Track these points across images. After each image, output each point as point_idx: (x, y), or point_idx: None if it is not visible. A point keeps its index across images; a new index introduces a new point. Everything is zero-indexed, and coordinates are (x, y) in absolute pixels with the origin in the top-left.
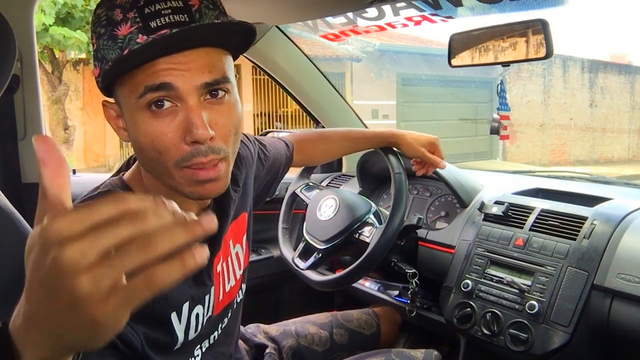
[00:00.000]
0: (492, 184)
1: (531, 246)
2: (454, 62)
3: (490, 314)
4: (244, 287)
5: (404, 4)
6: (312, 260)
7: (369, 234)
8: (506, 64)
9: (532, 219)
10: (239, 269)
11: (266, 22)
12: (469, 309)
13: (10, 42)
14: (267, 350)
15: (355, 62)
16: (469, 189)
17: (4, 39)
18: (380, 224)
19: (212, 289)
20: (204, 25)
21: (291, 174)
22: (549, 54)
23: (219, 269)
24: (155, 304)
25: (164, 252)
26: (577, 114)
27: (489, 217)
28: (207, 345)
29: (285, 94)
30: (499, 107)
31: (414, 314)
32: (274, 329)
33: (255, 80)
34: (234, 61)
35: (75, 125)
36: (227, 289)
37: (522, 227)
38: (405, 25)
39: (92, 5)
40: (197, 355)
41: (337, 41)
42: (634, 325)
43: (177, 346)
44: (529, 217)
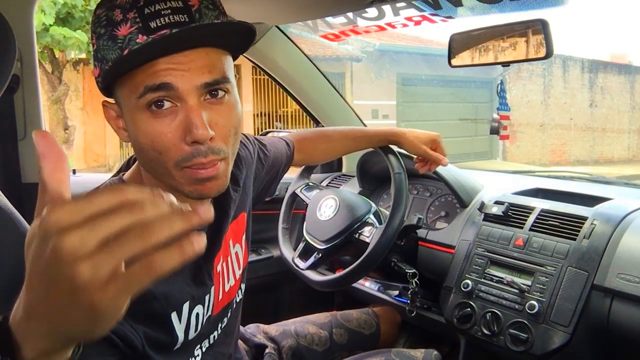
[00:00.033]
0: (492, 184)
1: (531, 246)
2: (454, 62)
3: (490, 314)
4: (243, 287)
5: (404, 4)
6: (312, 260)
7: (369, 234)
8: (506, 64)
9: (532, 219)
10: (239, 269)
11: (266, 22)
12: (469, 309)
13: (10, 42)
14: (267, 350)
15: (355, 62)
16: (469, 189)
17: (4, 39)
18: (380, 224)
19: (212, 289)
20: (203, 25)
21: (291, 174)
22: (549, 54)
23: (219, 268)
24: (155, 304)
25: (162, 241)
26: (577, 114)
27: (489, 217)
28: (207, 345)
29: (285, 94)
30: (499, 107)
31: (414, 314)
32: (274, 329)
33: (255, 80)
34: (234, 61)
35: (75, 125)
36: (226, 288)
37: (522, 227)
38: (405, 25)
39: (92, 5)
40: (197, 355)
41: (337, 41)
42: (634, 325)
43: (177, 346)
44: (529, 217)
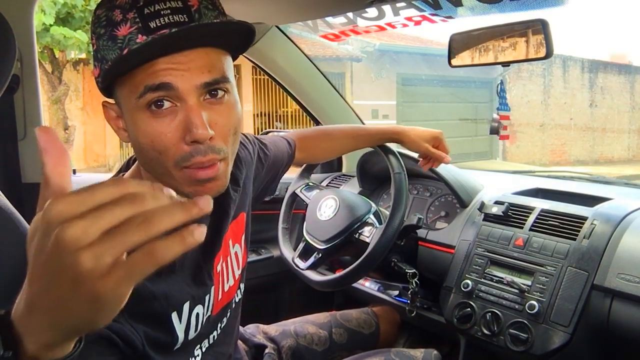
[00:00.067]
0: (492, 184)
1: (531, 246)
2: (454, 62)
3: (490, 314)
4: (242, 287)
5: (404, 4)
6: (312, 260)
7: (369, 234)
8: (506, 64)
9: (532, 219)
10: (238, 269)
11: (266, 22)
12: (469, 309)
13: (10, 42)
14: (267, 350)
15: (355, 62)
16: (469, 189)
17: (4, 39)
18: (380, 224)
19: (212, 289)
20: (203, 24)
21: (291, 174)
22: (549, 54)
23: (219, 268)
24: (155, 303)
25: (163, 231)
26: (577, 114)
27: (489, 217)
28: (207, 345)
29: (285, 94)
30: (499, 107)
31: (414, 314)
32: (273, 329)
33: (255, 80)
34: (234, 61)
35: (75, 125)
36: (225, 288)
37: (522, 227)
38: (405, 25)
39: (92, 5)
40: (197, 355)
41: (337, 41)
42: (634, 325)
43: (177, 346)
44: (529, 217)
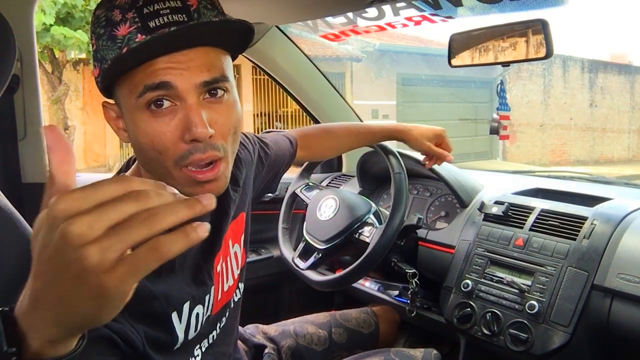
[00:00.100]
0: (492, 184)
1: (531, 246)
2: (454, 62)
3: (490, 314)
4: (241, 286)
5: (404, 4)
6: (312, 260)
7: (369, 234)
8: (506, 64)
9: (532, 219)
10: (237, 269)
11: (266, 22)
12: (469, 309)
13: (10, 42)
14: (266, 350)
15: (355, 62)
16: (469, 189)
17: (4, 39)
18: (380, 224)
19: (212, 289)
20: (202, 23)
21: (291, 174)
22: (549, 54)
23: (218, 269)
24: (156, 303)
25: (167, 227)
26: (577, 114)
27: (489, 217)
28: (207, 345)
29: (285, 94)
30: (499, 107)
31: (414, 314)
32: (273, 329)
33: (255, 80)
34: (233, 61)
35: (75, 125)
36: (225, 288)
37: (522, 227)
38: (405, 25)
39: (92, 5)
40: (197, 355)
41: (337, 41)
42: (634, 325)
43: (177, 346)
44: (529, 217)
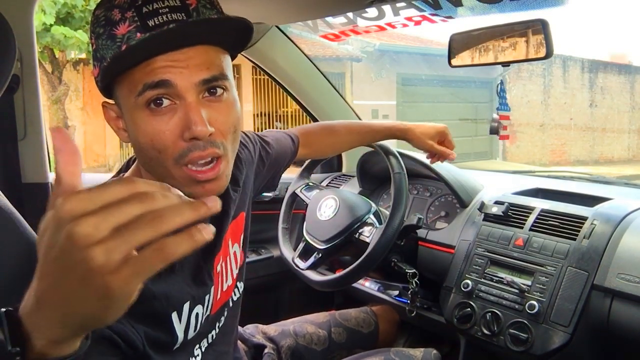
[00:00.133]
0: (492, 184)
1: (531, 246)
2: (454, 62)
3: (490, 314)
4: (240, 285)
5: (404, 4)
6: (312, 260)
7: (369, 234)
8: (506, 64)
9: (532, 219)
10: (236, 268)
11: (266, 22)
12: (469, 309)
13: (10, 42)
14: (266, 350)
15: (355, 62)
16: (469, 189)
17: (4, 39)
18: (380, 224)
19: (212, 289)
20: (201, 20)
21: (291, 174)
22: (549, 54)
23: (218, 269)
24: (156, 303)
25: (172, 229)
26: (577, 114)
27: (489, 217)
28: (206, 344)
29: (285, 94)
30: (499, 107)
31: (414, 314)
32: (273, 329)
33: (255, 80)
34: (232, 60)
35: (75, 125)
36: (224, 288)
37: (522, 227)
38: (405, 25)
39: (92, 5)
40: (197, 355)
41: (337, 41)
42: (634, 325)
43: (177, 345)
44: (529, 217)
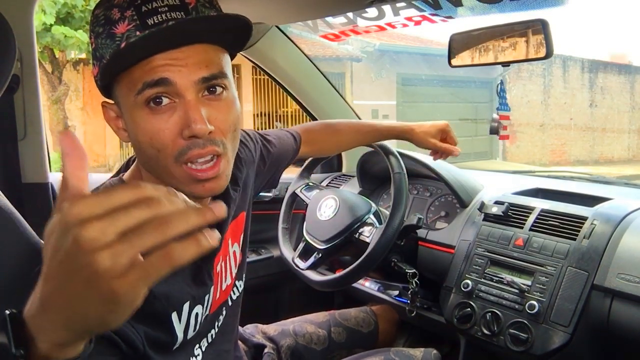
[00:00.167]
0: (492, 184)
1: (531, 246)
2: (454, 62)
3: (490, 314)
4: (239, 284)
5: (404, 4)
6: (312, 260)
7: (369, 234)
8: (506, 64)
9: (532, 219)
10: (235, 268)
11: (266, 22)
12: (469, 309)
13: (10, 42)
14: (266, 350)
15: (355, 62)
16: (469, 189)
17: (4, 39)
18: (380, 224)
19: (212, 289)
20: (200, 17)
21: (291, 174)
22: (549, 54)
23: (218, 268)
24: (156, 303)
25: (179, 234)
26: (577, 114)
27: (489, 217)
28: (206, 344)
29: (285, 94)
30: (499, 107)
31: (414, 314)
32: (272, 328)
33: (255, 80)
34: (232, 60)
35: (75, 125)
36: (223, 287)
37: (522, 227)
38: (405, 25)
39: (92, 5)
40: (198, 354)
41: (337, 41)
42: (634, 325)
43: (176, 345)
44: (529, 217)
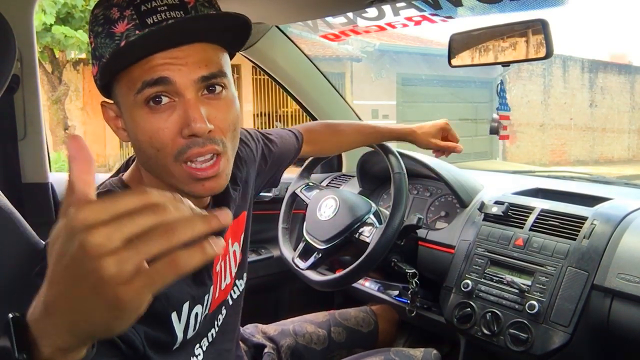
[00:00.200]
0: (492, 184)
1: (531, 246)
2: (454, 62)
3: (490, 314)
4: (239, 284)
5: (404, 4)
6: (312, 260)
7: (369, 234)
8: (506, 64)
9: (532, 219)
10: (234, 267)
11: (266, 22)
12: (469, 309)
13: (10, 42)
14: (266, 350)
15: (355, 62)
16: (469, 189)
17: (4, 39)
18: (380, 224)
19: (211, 289)
20: (199, 16)
21: (291, 174)
22: (549, 54)
23: (218, 268)
24: (156, 303)
25: (184, 241)
26: (577, 114)
27: (489, 217)
28: (207, 343)
29: (285, 94)
30: (499, 107)
31: (414, 314)
32: (272, 328)
33: (255, 80)
34: (231, 59)
35: (75, 125)
36: (222, 286)
37: (522, 227)
38: (405, 25)
39: (92, 5)
40: (199, 354)
41: (337, 41)
42: (634, 325)
43: (176, 345)
44: (529, 217)
